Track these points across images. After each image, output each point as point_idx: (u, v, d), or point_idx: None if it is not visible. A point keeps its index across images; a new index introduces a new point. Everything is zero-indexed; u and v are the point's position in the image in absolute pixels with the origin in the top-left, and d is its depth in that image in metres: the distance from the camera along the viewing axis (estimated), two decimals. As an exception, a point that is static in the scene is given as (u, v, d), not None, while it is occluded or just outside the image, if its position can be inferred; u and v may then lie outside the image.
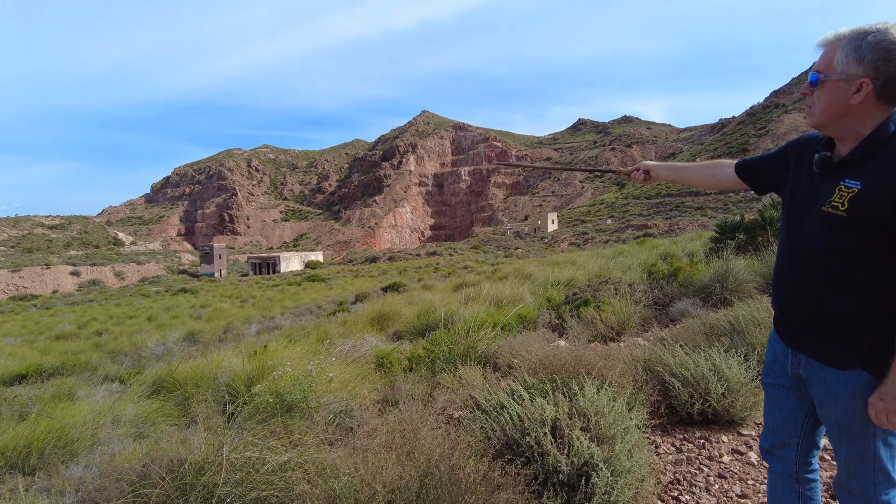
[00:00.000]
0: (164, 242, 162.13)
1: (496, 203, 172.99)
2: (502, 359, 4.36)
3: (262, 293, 37.63)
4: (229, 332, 18.01)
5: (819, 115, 1.68)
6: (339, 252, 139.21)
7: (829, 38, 1.65)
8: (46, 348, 18.33)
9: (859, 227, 1.56)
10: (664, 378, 3.28)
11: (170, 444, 3.24)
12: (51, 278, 78.24)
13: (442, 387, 3.85)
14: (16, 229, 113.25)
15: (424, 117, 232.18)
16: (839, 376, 1.65)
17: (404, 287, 22.58)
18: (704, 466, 2.80)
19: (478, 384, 3.41)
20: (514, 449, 2.37)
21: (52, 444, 4.32)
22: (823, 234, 1.65)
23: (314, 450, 2.30)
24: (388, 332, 10.89)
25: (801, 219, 1.75)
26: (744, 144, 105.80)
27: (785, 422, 1.89)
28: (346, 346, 7.59)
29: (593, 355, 3.17)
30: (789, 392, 1.88)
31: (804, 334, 1.75)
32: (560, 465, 2.22)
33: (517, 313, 7.20)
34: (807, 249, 1.70)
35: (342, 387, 3.81)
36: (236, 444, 2.12)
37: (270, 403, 3.20)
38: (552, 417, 2.41)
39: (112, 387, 8.25)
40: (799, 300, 1.74)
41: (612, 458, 2.26)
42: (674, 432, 3.17)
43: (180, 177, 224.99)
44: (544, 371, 3.06)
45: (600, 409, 2.46)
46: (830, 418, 1.71)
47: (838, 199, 1.61)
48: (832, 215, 1.62)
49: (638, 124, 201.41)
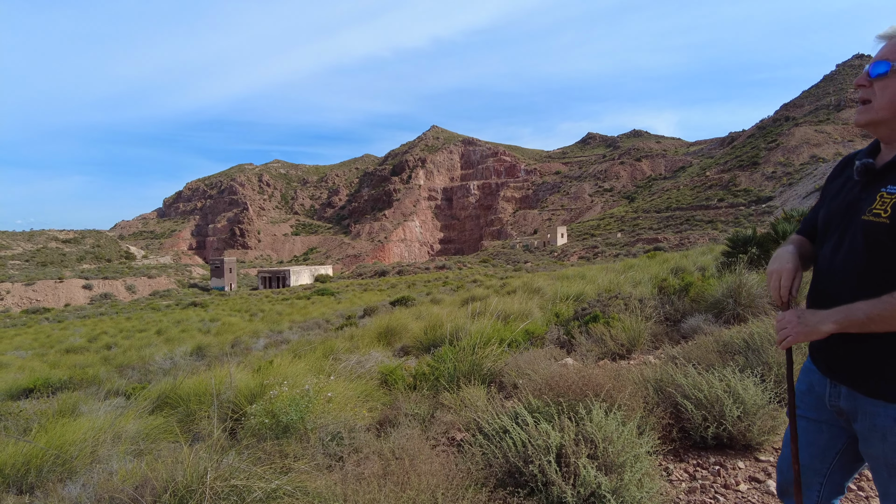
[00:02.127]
0: (176, 256, 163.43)
1: (505, 217, 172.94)
2: (508, 377, 4.22)
3: (272, 307, 37.66)
4: (237, 346, 17.98)
5: (880, 108, 1.52)
6: (349, 266, 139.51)
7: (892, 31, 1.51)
8: (56, 362, 18.38)
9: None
10: (676, 400, 3.13)
11: (165, 464, 3.13)
12: (63, 292, 78.95)
13: (445, 407, 3.71)
14: (30, 243, 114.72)
15: (434, 132, 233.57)
16: (887, 409, 1.49)
17: (413, 301, 22.48)
18: (720, 496, 2.63)
19: (481, 405, 3.28)
20: (517, 478, 2.24)
21: (51, 462, 4.24)
22: (865, 247, 1.50)
23: (305, 476, 2.18)
24: (394, 347, 10.77)
25: (838, 232, 1.61)
26: (754, 158, 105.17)
27: (812, 459, 1.73)
28: (350, 361, 7.48)
29: (602, 375, 3.03)
30: (821, 427, 1.72)
31: (846, 362, 1.59)
32: (566, 496, 2.08)
33: (524, 329, 7.05)
34: (848, 265, 1.55)
35: (341, 406, 3.69)
36: (221, 471, 2.01)
37: (266, 424, 3.09)
38: (557, 444, 2.28)
39: (116, 401, 8.18)
40: None
41: (620, 489, 2.12)
42: (687, 457, 3.01)
43: (192, 191, 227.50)
44: (550, 393, 2.92)
45: (609, 435, 2.32)
46: (878, 457, 1.54)
47: (880, 206, 1.47)
48: (874, 224, 1.47)
49: (647, 138, 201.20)
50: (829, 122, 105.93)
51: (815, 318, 1.52)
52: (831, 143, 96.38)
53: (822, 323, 1.50)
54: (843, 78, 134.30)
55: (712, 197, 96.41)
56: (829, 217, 1.66)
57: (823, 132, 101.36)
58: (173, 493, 1.96)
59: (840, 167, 1.76)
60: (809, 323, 1.53)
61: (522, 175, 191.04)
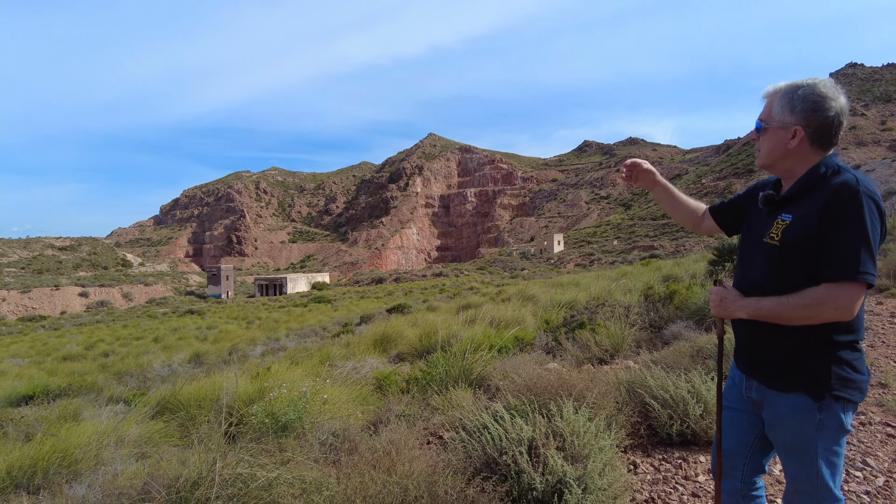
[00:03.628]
0: (173, 264, 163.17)
1: (502, 224, 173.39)
2: (493, 381, 4.47)
3: (269, 315, 37.78)
4: (235, 354, 18.11)
5: (764, 157, 1.91)
6: (346, 273, 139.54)
7: (770, 91, 1.89)
8: (53, 369, 18.48)
9: (790, 256, 1.76)
10: (645, 400, 3.39)
11: (170, 464, 3.37)
12: (59, 299, 78.79)
13: (434, 408, 3.96)
14: (26, 250, 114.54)
15: (431, 140, 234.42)
16: (784, 399, 1.81)
17: (409, 308, 22.67)
18: (679, 486, 2.89)
19: (467, 406, 3.52)
20: (493, 468, 2.49)
21: (57, 465, 4.40)
22: (767, 266, 1.84)
23: (303, 467, 2.43)
24: (390, 353, 10.99)
25: (752, 253, 1.93)
26: (749, 165, 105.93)
27: (737, 444, 2.03)
28: (346, 368, 7.71)
29: (577, 378, 3.28)
30: (743, 416, 2.02)
31: (755, 361, 1.91)
32: (534, 483, 2.34)
33: (514, 336, 7.30)
34: (757, 282, 1.87)
35: (337, 408, 3.93)
36: (228, 461, 2.26)
37: (266, 424, 3.33)
38: (529, 437, 2.53)
39: (117, 408, 8.36)
40: (749, 328, 1.89)
41: (584, 477, 2.37)
42: (654, 453, 3.27)
43: (189, 198, 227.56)
44: (528, 393, 3.18)
45: (576, 430, 2.58)
46: (778, 439, 1.87)
47: (774, 231, 1.82)
48: (770, 245, 1.82)
49: (643, 146, 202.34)
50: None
51: (734, 305, 1.86)
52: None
53: (738, 310, 1.85)
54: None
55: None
56: (748, 242, 1.99)
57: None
58: (186, 480, 2.20)
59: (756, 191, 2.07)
60: (729, 308, 1.88)
61: (519, 182, 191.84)
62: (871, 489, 2.86)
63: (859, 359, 1.77)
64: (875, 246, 1.65)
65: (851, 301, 1.64)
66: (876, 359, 5.15)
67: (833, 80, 1.79)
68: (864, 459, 3.16)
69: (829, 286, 1.66)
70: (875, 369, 4.84)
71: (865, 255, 1.62)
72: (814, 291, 1.68)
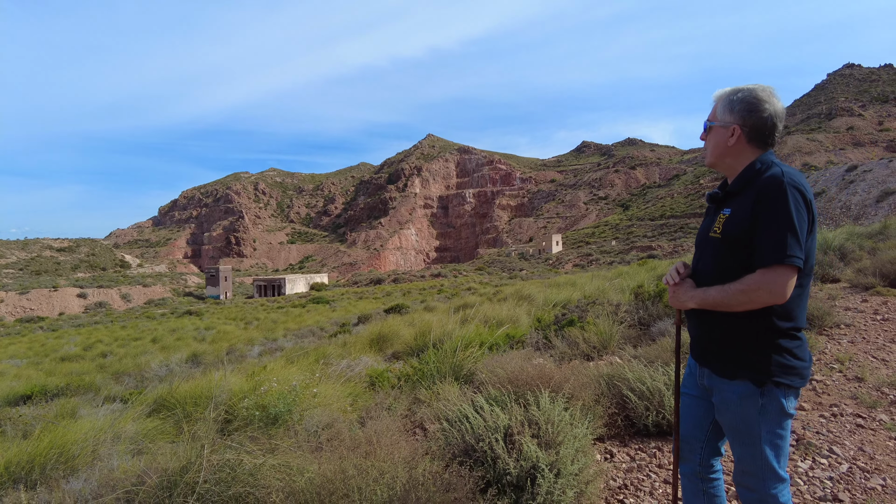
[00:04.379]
0: (171, 265, 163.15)
1: (501, 225, 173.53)
2: (479, 376, 4.58)
3: (267, 315, 37.85)
4: (232, 354, 18.20)
5: (710, 154, 2.09)
6: (345, 274, 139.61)
7: (717, 95, 2.08)
8: (51, 370, 18.55)
9: (730, 247, 1.91)
10: (623, 392, 3.51)
11: (164, 457, 3.47)
12: (58, 300, 78.78)
13: (421, 402, 4.07)
14: (25, 252, 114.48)
15: (429, 141, 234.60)
16: (729, 385, 1.95)
17: (407, 309, 22.78)
18: (653, 473, 3.01)
19: (452, 398, 3.63)
20: (471, 454, 2.60)
21: (55, 460, 4.48)
22: (712, 258, 1.99)
23: (289, 454, 2.54)
24: (386, 352, 11.10)
25: (703, 247, 2.08)
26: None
27: (693, 428, 2.16)
28: (340, 366, 7.82)
29: (556, 371, 3.40)
30: (699, 402, 2.15)
31: (705, 351, 2.05)
32: (509, 468, 2.45)
33: (506, 333, 7.41)
34: (704, 272, 2.02)
35: (326, 402, 4.03)
36: (216, 447, 2.37)
37: (256, 416, 3.43)
38: (505, 425, 2.65)
39: (114, 406, 8.45)
40: (698, 319, 2.02)
41: (556, 462, 2.49)
42: (631, 443, 3.38)
43: (187, 200, 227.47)
44: (510, 385, 3.29)
45: (551, 418, 2.69)
46: (726, 423, 2.00)
47: (717, 225, 1.98)
48: (714, 238, 1.98)
49: (642, 146, 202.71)
50: (821, 131, 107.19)
51: (685, 295, 2.02)
52: (823, 151, 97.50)
53: (688, 300, 2.00)
54: (834, 87, 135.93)
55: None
56: (699, 237, 2.16)
57: (815, 140, 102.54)
58: (176, 465, 2.31)
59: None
60: (680, 299, 2.04)
61: (518, 183, 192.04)
62: (835, 475, 2.98)
63: (800, 346, 1.89)
64: (802, 233, 1.78)
65: (783, 284, 1.76)
66: (855, 354, 5.27)
67: (772, 87, 1.95)
68: (831, 448, 3.28)
69: (763, 271, 1.79)
70: (853, 364, 4.97)
71: (792, 240, 1.76)
72: (750, 277, 1.82)
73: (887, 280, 8.46)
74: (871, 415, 3.80)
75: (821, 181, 64.55)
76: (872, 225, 16.56)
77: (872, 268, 8.88)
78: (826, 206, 58.72)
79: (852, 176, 60.36)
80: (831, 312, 6.45)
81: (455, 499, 2.23)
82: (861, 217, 51.37)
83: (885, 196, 53.16)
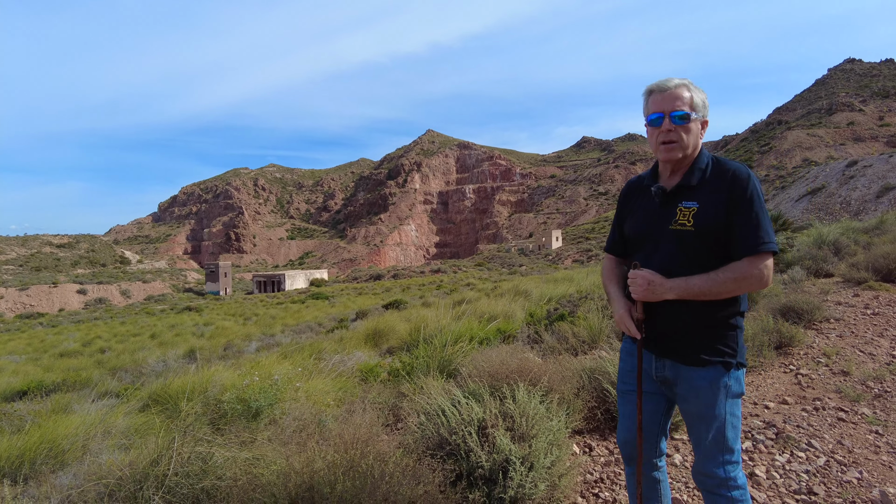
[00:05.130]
0: (171, 261, 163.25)
1: (501, 220, 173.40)
2: (465, 370, 4.58)
3: (266, 311, 37.90)
4: (230, 350, 18.24)
5: (689, 146, 2.00)
6: (345, 270, 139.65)
7: (676, 83, 1.99)
8: (50, 365, 18.59)
9: (704, 239, 1.91)
10: (603, 385, 3.51)
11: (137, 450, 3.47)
12: (58, 297, 78.87)
13: (403, 395, 4.08)
14: (24, 248, 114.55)
15: (429, 136, 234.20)
16: (702, 372, 1.96)
17: (405, 304, 22.82)
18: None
19: (434, 393, 3.64)
20: (445, 448, 2.61)
21: (44, 455, 4.50)
22: (678, 250, 1.97)
23: (265, 447, 2.54)
24: (382, 347, 11.13)
25: (657, 241, 2.04)
26: (747, 161, 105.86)
27: (649, 422, 2.17)
28: (332, 360, 7.85)
29: (535, 364, 3.40)
30: (654, 397, 2.16)
31: (671, 343, 2.03)
32: (481, 461, 2.45)
33: (496, 328, 7.42)
34: (665, 266, 1.99)
35: (311, 397, 4.04)
36: (187, 440, 2.37)
37: (237, 410, 3.44)
38: (479, 418, 2.65)
39: (108, 401, 8.48)
40: (670, 310, 2.00)
41: (529, 455, 2.49)
42: (610, 437, 3.39)
43: (187, 196, 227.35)
44: (490, 379, 3.29)
45: (525, 411, 2.70)
46: (692, 410, 2.00)
47: (683, 218, 1.95)
48: (683, 231, 1.95)
49: (641, 142, 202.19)
50: (821, 126, 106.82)
51: (661, 288, 1.95)
52: (823, 146, 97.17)
53: (666, 291, 1.94)
54: (835, 82, 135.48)
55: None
56: (640, 230, 2.12)
57: (815, 136, 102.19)
58: (147, 457, 2.31)
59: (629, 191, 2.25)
60: (657, 291, 1.96)
61: (518, 179, 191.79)
62: (812, 468, 2.98)
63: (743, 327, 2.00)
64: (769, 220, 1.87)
65: (769, 269, 1.84)
66: (843, 348, 5.28)
67: None
68: (810, 441, 3.29)
69: (751, 259, 1.83)
70: (840, 358, 4.97)
71: (770, 227, 1.84)
72: (738, 266, 1.85)
73: (880, 274, 8.46)
74: (854, 408, 3.81)
75: (821, 176, 64.39)
76: (869, 220, 16.54)
77: (865, 262, 8.87)
78: (826, 201, 58.62)
79: (852, 171, 60.26)
80: (821, 307, 6.44)
81: (426, 491, 2.23)
82: (861, 212, 51.30)
83: (885, 191, 53.10)
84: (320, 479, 2.03)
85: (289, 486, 2.02)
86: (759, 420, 3.69)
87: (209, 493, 2.23)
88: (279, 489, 2.02)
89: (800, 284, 8.53)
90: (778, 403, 4.00)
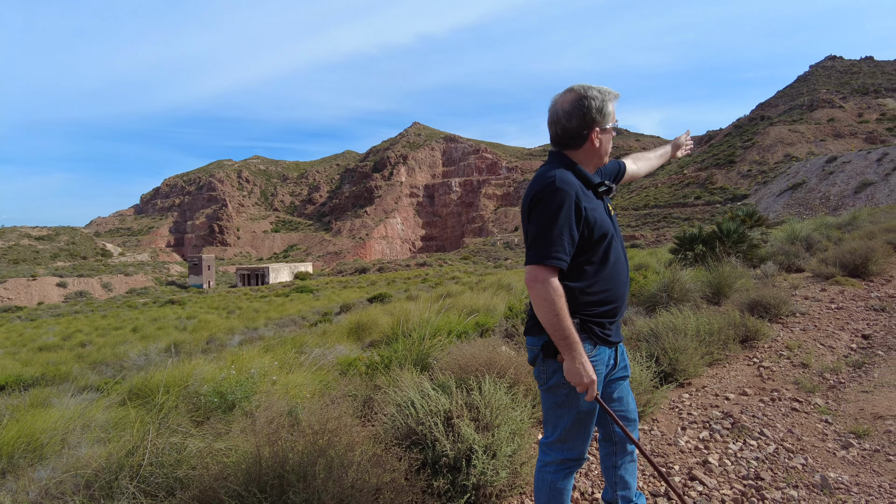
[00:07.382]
0: (153, 254, 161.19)
1: (487, 214, 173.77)
2: (437, 363, 4.70)
3: (249, 304, 37.74)
4: (212, 343, 18.18)
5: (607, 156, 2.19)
6: (330, 263, 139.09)
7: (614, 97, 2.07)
8: (28, 360, 18.37)
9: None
10: (569, 378, 3.64)
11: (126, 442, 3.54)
12: (36, 290, 77.61)
13: (377, 388, 4.19)
14: (2, 240, 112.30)
15: (415, 129, 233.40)
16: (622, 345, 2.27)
17: (390, 298, 22.89)
18: (592, 456, 3.16)
19: (407, 385, 3.75)
20: (412, 438, 2.72)
21: (22, 449, 4.52)
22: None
23: (239, 438, 2.63)
24: (364, 341, 11.20)
25: (614, 233, 2.15)
26: (731, 156, 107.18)
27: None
28: (312, 354, 7.92)
29: (503, 356, 3.53)
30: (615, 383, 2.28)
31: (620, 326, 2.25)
32: (446, 451, 2.57)
33: (475, 321, 7.54)
34: (624, 252, 2.23)
35: (286, 390, 4.13)
36: (162, 431, 2.46)
37: (214, 402, 3.52)
38: (445, 409, 2.77)
39: (89, 395, 8.47)
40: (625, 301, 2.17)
41: (492, 444, 2.62)
42: (575, 426, 3.53)
43: (170, 188, 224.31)
44: (460, 371, 3.41)
45: (490, 402, 2.82)
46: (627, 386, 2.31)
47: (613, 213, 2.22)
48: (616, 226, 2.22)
49: (627, 136, 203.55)
50: (803, 122, 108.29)
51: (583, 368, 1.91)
52: (804, 142, 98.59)
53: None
54: (816, 79, 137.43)
55: (689, 195, 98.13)
56: (605, 226, 2.11)
57: (797, 131, 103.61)
58: (122, 448, 2.39)
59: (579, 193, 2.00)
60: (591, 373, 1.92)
61: (504, 172, 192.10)
62: (761, 455, 3.15)
63: None
64: None
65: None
66: (805, 342, 5.48)
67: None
68: (763, 430, 3.46)
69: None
70: (801, 351, 5.17)
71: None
72: None
73: (847, 270, 8.72)
74: (808, 399, 3.99)
75: (801, 172, 65.34)
76: (842, 216, 16.95)
77: (834, 258, 9.13)
78: (806, 196, 59.59)
79: (832, 167, 61.22)
80: (788, 301, 6.66)
81: (392, 479, 2.35)
82: (839, 208, 52.31)
83: (863, 187, 54.16)
84: (289, 467, 2.13)
85: (259, 473, 2.12)
86: (717, 411, 3.86)
87: (182, 481, 2.32)
88: (249, 476, 2.12)
89: (771, 279, 8.77)
90: (738, 395, 4.18)
